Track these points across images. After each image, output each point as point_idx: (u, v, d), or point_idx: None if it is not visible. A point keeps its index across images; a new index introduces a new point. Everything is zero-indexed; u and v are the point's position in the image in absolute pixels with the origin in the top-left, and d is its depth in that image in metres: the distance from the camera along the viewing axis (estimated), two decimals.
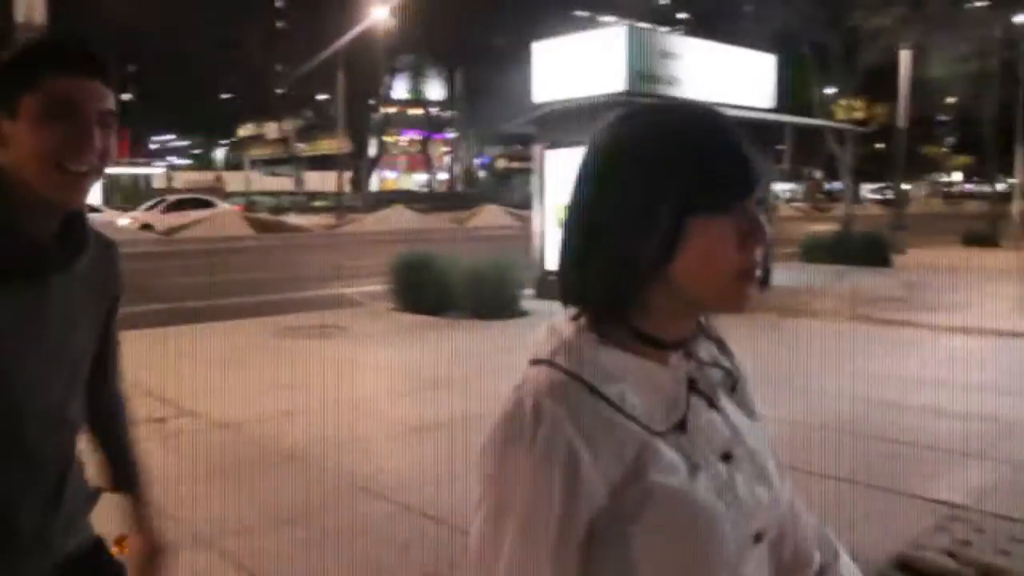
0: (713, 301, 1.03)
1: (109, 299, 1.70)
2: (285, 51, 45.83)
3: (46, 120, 1.41)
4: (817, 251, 18.71)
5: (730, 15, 34.59)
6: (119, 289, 1.72)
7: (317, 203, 47.45)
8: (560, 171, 13.20)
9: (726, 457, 1.05)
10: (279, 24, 51.31)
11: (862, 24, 26.23)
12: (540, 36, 14.03)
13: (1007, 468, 5.38)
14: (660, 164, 0.98)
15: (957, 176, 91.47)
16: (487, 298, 11.36)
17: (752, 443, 1.09)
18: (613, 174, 1.01)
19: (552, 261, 13.32)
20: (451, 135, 65.68)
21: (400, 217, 31.05)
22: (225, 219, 29.81)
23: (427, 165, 65.26)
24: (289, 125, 56.66)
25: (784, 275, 13.93)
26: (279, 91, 50.51)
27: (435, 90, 64.77)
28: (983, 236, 27.42)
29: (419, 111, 63.62)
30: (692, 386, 1.06)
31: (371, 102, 52.48)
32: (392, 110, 62.59)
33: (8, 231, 1.43)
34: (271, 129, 58.13)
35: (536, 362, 1.03)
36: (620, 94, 12.24)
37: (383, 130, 55.10)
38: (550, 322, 1.09)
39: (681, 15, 62.67)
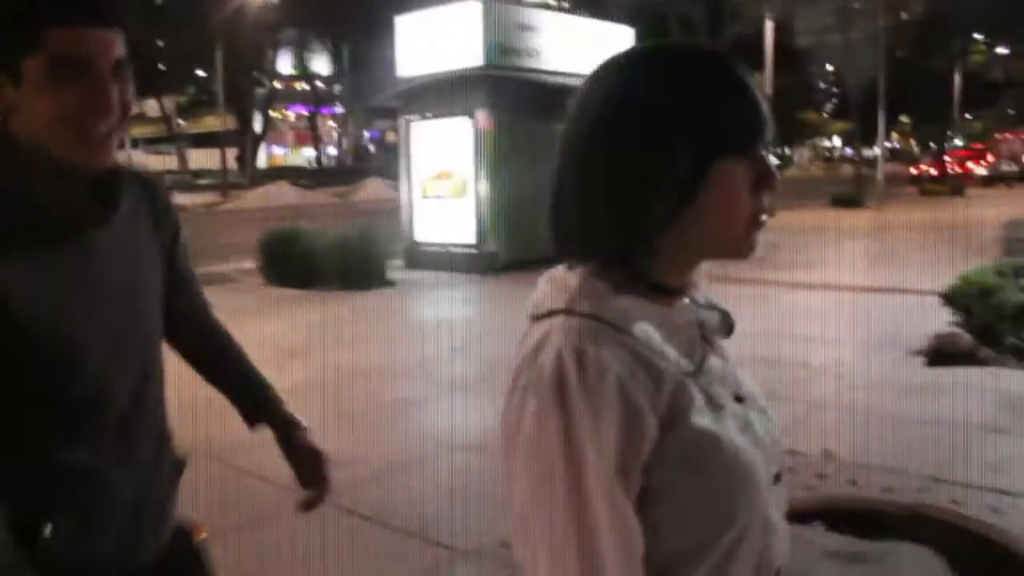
0: (722, 247, 1.01)
1: (167, 235, 1.58)
2: (165, 24, 44.39)
3: (56, 83, 1.27)
4: None
5: None
6: (174, 223, 1.60)
7: (202, 181, 46.38)
8: (425, 144, 13.44)
9: (739, 399, 1.04)
10: None
11: None
12: (407, 9, 14.15)
13: (803, 407, 5.91)
14: (683, 108, 0.96)
15: (837, 141, 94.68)
16: (353, 270, 11.56)
17: (748, 385, 1.09)
18: (630, 121, 0.96)
19: (420, 232, 13.65)
20: (339, 110, 64.81)
21: (281, 193, 30.78)
22: None
23: (315, 140, 64.33)
24: (171, 102, 55.09)
25: None
26: (160, 67, 49.07)
27: (322, 64, 63.76)
28: (849, 198, 28.82)
29: (306, 86, 62.61)
30: (700, 329, 1.05)
31: (257, 76, 51.50)
32: (278, 85, 61.47)
33: (26, 200, 1.32)
34: (152, 107, 56.32)
35: (552, 313, 0.98)
36: (479, 68, 12.52)
37: (268, 105, 54.07)
38: (548, 275, 1.05)
39: None
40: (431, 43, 13.27)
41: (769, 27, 24.11)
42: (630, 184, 0.95)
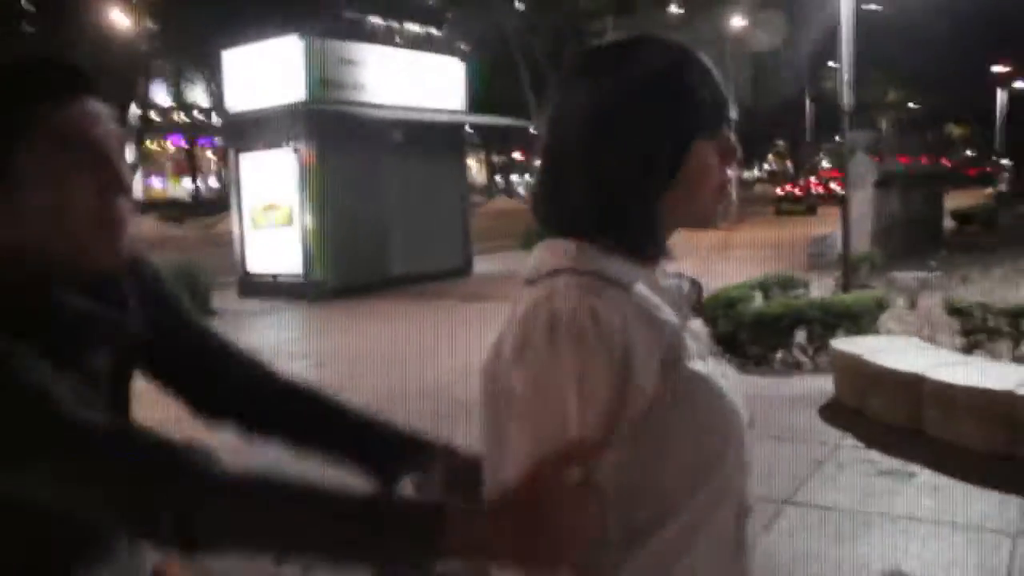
0: (697, 218, 1.12)
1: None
2: (34, 46, 43.21)
3: (64, 173, 1.06)
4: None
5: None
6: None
7: None
8: (253, 176, 13.72)
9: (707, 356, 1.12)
10: (27, 28, 48.40)
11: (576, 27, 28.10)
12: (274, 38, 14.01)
13: None
14: (669, 96, 1.06)
15: None
16: None
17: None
18: (618, 112, 1.05)
19: (252, 262, 13.89)
20: (218, 140, 63.92)
21: (141, 226, 30.42)
22: None
23: (193, 171, 63.33)
24: None
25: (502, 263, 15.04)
26: None
27: (200, 94, 62.92)
28: None
29: (184, 117, 61.68)
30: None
31: (133, 107, 50.57)
32: (155, 116, 60.37)
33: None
34: None
35: (557, 272, 1.05)
36: (300, 102, 12.89)
37: (143, 136, 53.09)
38: (543, 244, 1.11)
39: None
40: (256, 77, 13.56)
41: None
42: (624, 171, 1.05)
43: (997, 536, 3.83)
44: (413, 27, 67.46)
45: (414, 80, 14.47)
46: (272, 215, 13.51)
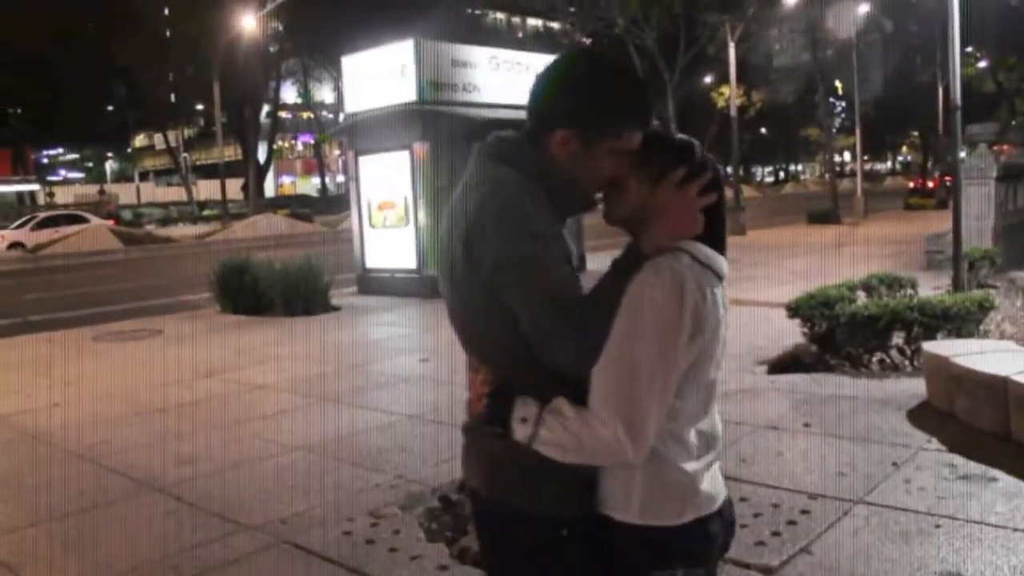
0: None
1: None
2: (172, 59, 45.54)
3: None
4: None
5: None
6: None
7: (207, 212, 47.51)
8: (371, 176, 14.28)
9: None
10: (166, 32, 50.98)
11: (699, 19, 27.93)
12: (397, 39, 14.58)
13: None
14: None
15: (848, 156, 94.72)
16: (297, 296, 12.36)
17: None
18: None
19: (370, 259, 14.47)
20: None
21: (270, 223, 31.82)
22: (94, 234, 30.08)
23: (321, 169, 65.49)
24: (178, 135, 56.53)
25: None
26: (171, 99, 50.45)
27: (327, 93, 65.00)
28: (825, 214, 29.30)
29: (311, 115, 63.90)
30: None
31: (266, 107, 52.78)
32: (284, 115, 62.77)
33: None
34: (162, 140, 57.71)
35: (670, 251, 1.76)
36: (413, 103, 13.35)
37: (273, 135, 55.29)
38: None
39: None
40: (373, 80, 14.12)
41: (731, 47, 24.94)
42: None
43: None
44: (534, 22, 68.05)
45: (523, 79, 14.73)
46: (388, 213, 14.04)
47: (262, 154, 51.37)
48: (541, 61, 15.83)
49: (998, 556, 3.75)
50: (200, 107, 53.28)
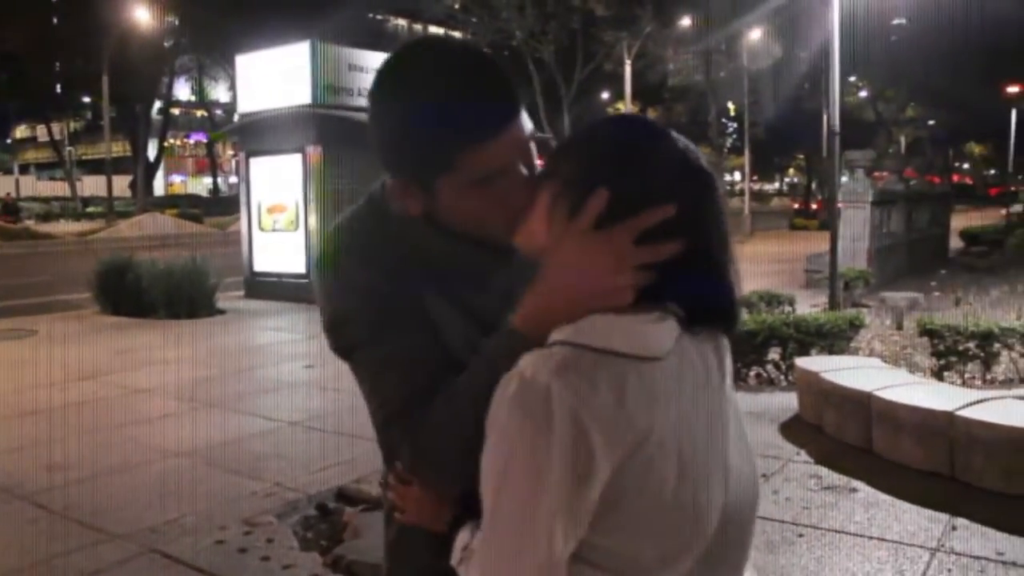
0: None
1: None
2: (60, 48, 43.70)
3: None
4: None
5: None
6: None
7: (91, 209, 45.76)
8: (262, 177, 14.03)
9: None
10: (54, 20, 48.96)
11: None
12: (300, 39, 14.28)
13: None
14: None
15: (739, 176, 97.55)
16: (181, 299, 12.04)
17: None
18: None
19: (259, 262, 14.20)
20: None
21: (157, 223, 30.83)
22: None
23: (213, 169, 63.91)
24: (63, 127, 54.38)
25: None
26: (57, 89, 48.53)
27: (222, 92, 63.49)
28: None
29: (205, 113, 62.28)
30: None
31: (158, 103, 51.24)
32: (176, 112, 61.05)
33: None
34: (46, 132, 55.37)
35: (553, 343, 1.13)
36: (307, 106, 13.20)
37: (164, 132, 53.71)
38: None
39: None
40: (268, 81, 13.90)
41: (627, 64, 25.52)
42: None
43: (916, 550, 4.03)
44: (436, 30, 68.01)
45: None
46: (278, 217, 13.82)
47: (152, 151, 49.87)
48: None
49: (854, 563, 3.93)
50: (88, 100, 51.41)
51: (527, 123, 1.29)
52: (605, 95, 44.44)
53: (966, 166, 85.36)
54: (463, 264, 1.36)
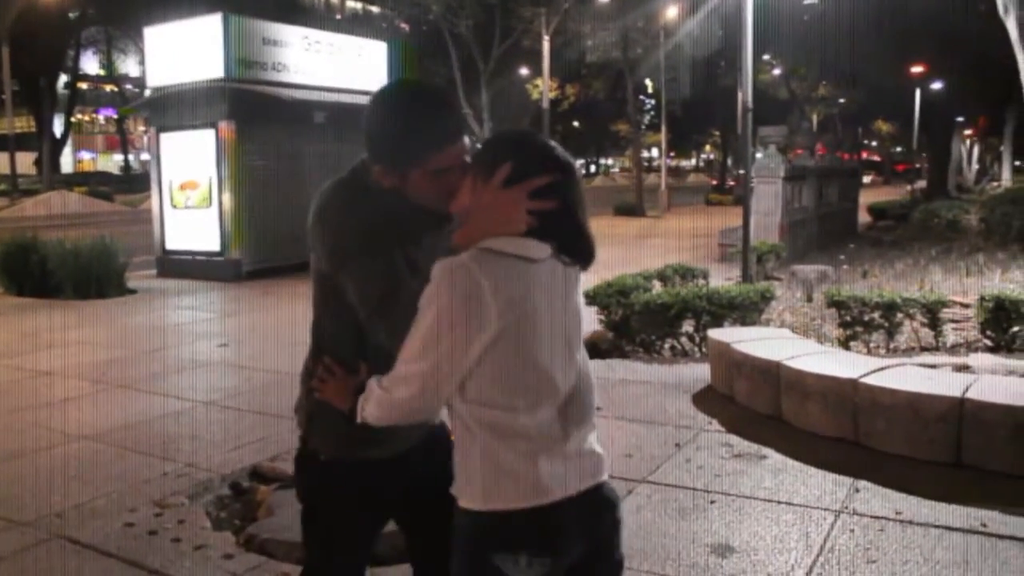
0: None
1: None
2: None
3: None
4: None
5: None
6: None
7: None
8: (174, 153, 13.67)
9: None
10: None
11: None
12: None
13: None
14: None
15: (656, 152, 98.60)
16: (88, 279, 11.69)
17: None
18: None
19: (171, 240, 13.88)
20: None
21: (64, 201, 29.81)
22: None
23: (124, 145, 62.01)
24: None
25: None
26: None
27: (132, 66, 61.50)
28: (631, 207, 30.59)
29: (114, 87, 60.29)
30: None
31: (64, 77, 49.36)
32: (85, 86, 58.97)
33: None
34: None
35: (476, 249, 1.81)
36: (220, 80, 12.88)
37: (71, 108, 51.82)
38: None
39: None
40: (178, 55, 13.52)
41: (545, 40, 25.51)
42: None
43: (822, 513, 4.16)
44: (353, 5, 66.94)
45: (336, 62, 14.53)
46: (191, 194, 13.50)
47: (59, 127, 48.11)
48: (356, 44, 15.71)
49: (763, 527, 4.04)
50: None
51: (467, 138, 1.98)
52: (524, 71, 44.32)
53: (875, 144, 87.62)
54: (414, 222, 2.00)
